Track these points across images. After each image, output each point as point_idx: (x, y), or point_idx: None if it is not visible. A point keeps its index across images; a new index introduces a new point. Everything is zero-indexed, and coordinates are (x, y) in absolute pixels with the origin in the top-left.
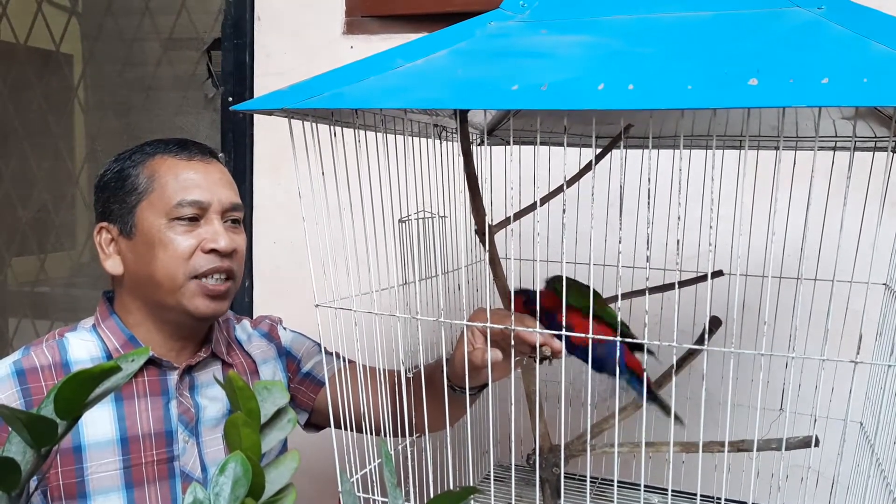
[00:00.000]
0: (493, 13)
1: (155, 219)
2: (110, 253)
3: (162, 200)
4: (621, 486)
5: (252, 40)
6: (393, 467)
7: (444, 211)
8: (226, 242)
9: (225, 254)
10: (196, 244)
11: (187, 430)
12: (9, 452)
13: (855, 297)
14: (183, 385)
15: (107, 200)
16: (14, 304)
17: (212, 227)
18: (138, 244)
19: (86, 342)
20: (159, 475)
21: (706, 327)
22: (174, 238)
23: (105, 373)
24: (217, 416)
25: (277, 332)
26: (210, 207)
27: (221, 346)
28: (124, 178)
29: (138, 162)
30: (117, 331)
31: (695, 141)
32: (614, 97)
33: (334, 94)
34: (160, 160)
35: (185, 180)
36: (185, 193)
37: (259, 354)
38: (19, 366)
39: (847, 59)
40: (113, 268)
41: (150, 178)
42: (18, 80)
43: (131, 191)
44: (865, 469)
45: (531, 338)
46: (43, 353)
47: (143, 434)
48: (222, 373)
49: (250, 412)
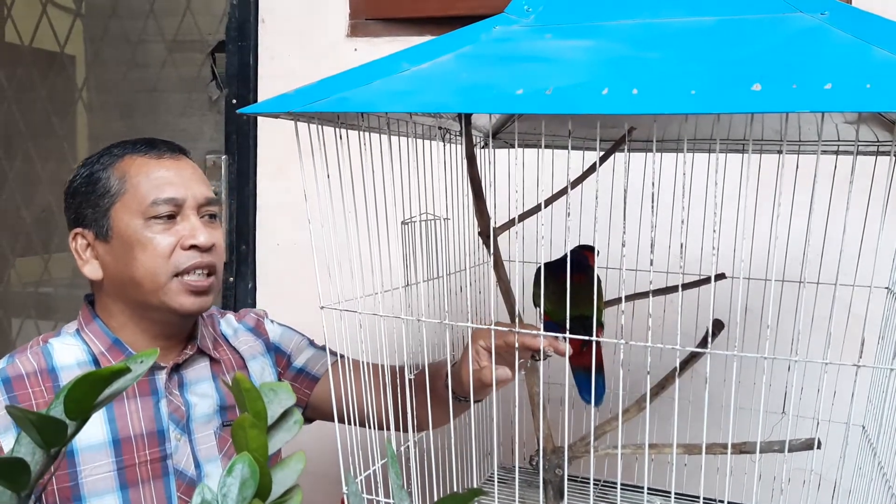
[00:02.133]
0: (499, 17)
1: (131, 219)
2: (88, 258)
3: (136, 200)
4: (624, 488)
5: (256, 42)
6: (398, 469)
7: (449, 213)
8: (205, 237)
9: (205, 249)
10: (175, 242)
11: (179, 428)
12: (18, 453)
13: (857, 300)
14: (172, 384)
15: (79, 206)
16: (18, 304)
17: (189, 224)
18: (116, 247)
19: (70, 347)
20: (153, 474)
21: (709, 330)
22: (153, 237)
23: (115, 374)
24: (208, 412)
25: (264, 326)
26: (185, 204)
27: (207, 341)
28: (94, 182)
29: (107, 164)
30: (101, 334)
31: (698, 144)
32: (618, 102)
33: (340, 97)
34: (129, 160)
35: (158, 178)
36: (159, 192)
37: (247, 350)
38: (4, 374)
39: (850, 64)
40: (92, 273)
41: (122, 179)
42: (23, 81)
43: (103, 194)
44: (868, 472)
45: (535, 343)
46: (28, 361)
47: (135, 435)
48: (210, 369)
49: (257, 414)
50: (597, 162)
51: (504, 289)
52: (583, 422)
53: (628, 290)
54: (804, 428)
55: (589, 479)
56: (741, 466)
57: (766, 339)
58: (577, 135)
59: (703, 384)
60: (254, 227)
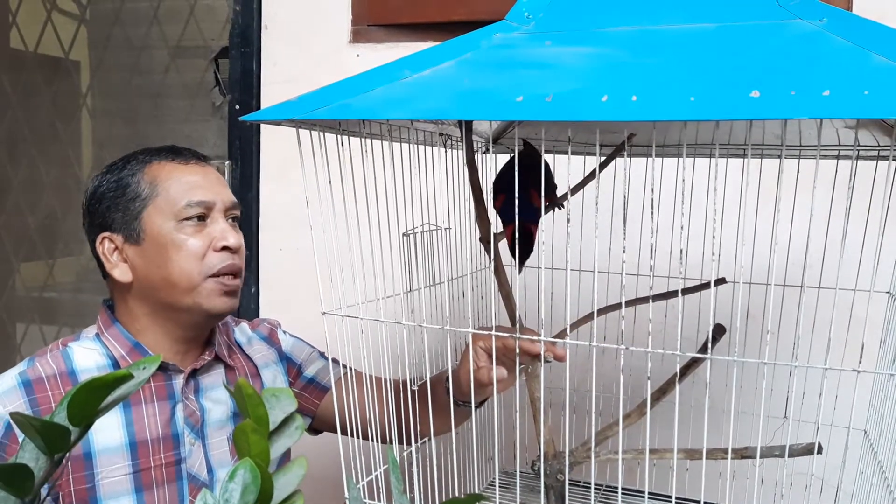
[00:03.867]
0: (499, 24)
1: (164, 222)
2: (116, 262)
3: (168, 203)
4: (625, 493)
5: (259, 49)
6: (399, 474)
7: (449, 218)
8: (235, 239)
9: (234, 251)
10: (207, 243)
11: (193, 433)
12: (22, 459)
13: (858, 305)
14: (188, 388)
15: (106, 210)
16: (22, 309)
17: (219, 226)
18: (148, 249)
19: (90, 351)
20: (167, 478)
21: (710, 335)
22: (186, 239)
23: (118, 380)
24: (221, 418)
25: (277, 336)
26: (215, 206)
27: (223, 349)
28: (124, 187)
29: (136, 170)
30: (122, 338)
31: (698, 150)
32: (618, 108)
33: (342, 104)
34: (158, 166)
35: (188, 182)
36: (191, 195)
37: (260, 358)
38: (25, 377)
39: (848, 70)
40: (122, 275)
41: (152, 183)
42: (28, 87)
43: (134, 198)
44: (869, 477)
45: (534, 348)
46: (48, 363)
47: (151, 438)
48: (225, 376)
49: (259, 419)
50: (597, 168)
51: (505, 294)
52: (584, 427)
53: (629, 295)
54: (805, 433)
55: (590, 485)
56: (743, 471)
57: (767, 345)
58: (577, 140)
59: (704, 389)
60: (257, 233)
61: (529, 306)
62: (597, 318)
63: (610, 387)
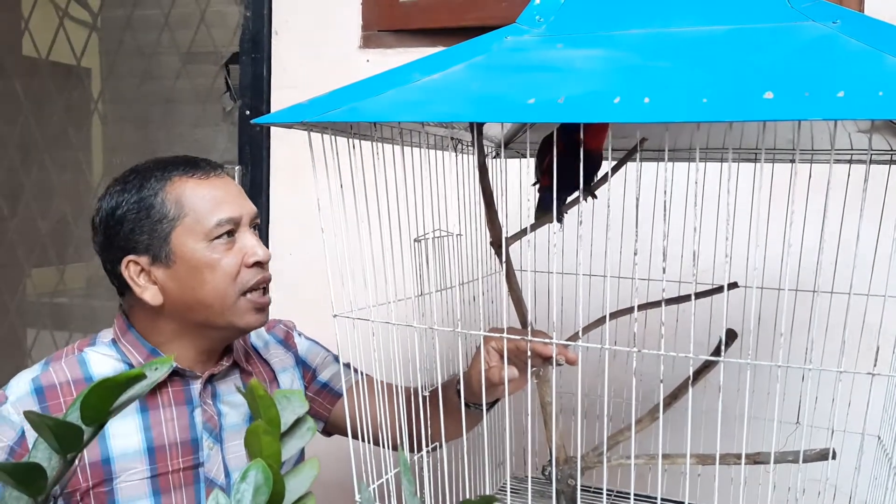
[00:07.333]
0: (510, 28)
1: (195, 243)
2: (145, 285)
3: (198, 223)
4: (637, 498)
5: (269, 54)
6: (411, 476)
7: (460, 222)
8: (263, 252)
9: (264, 264)
10: (239, 260)
11: (212, 437)
12: (35, 458)
13: (871, 309)
14: (206, 393)
15: (130, 233)
16: (33, 314)
17: (248, 241)
18: (180, 271)
19: (107, 357)
20: (185, 482)
21: (722, 339)
22: (219, 259)
23: (130, 381)
24: (238, 422)
25: (293, 339)
26: (241, 220)
27: (240, 354)
28: (148, 209)
29: (157, 189)
30: (138, 345)
31: (710, 154)
32: (630, 111)
33: (353, 107)
34: (179, 183)
35: (213, 199)
36: (219, 212)
37: (277, 363)
38: (38, 383)
39: (862, 72)
40: (153, 298)
41: (178, 203)
42: (40, 93)
43: (160, 219)
44: (883, 482)
45: (546, 351)
46: (62, 370)
47: (169, 443)
48: (241, 381)
49: (270, 421)
50: (609, 171)
51: (516, 298)
52: (595, 432)
53: (641, 298)
54: (819, 437)
55: (602, 490)
56: (755, 477)
57: (780, 349)
58: None
59: (717, 394)
60: (267, 237)
61: (540, 310)
62: (608, 323)
63: (621, 392)
